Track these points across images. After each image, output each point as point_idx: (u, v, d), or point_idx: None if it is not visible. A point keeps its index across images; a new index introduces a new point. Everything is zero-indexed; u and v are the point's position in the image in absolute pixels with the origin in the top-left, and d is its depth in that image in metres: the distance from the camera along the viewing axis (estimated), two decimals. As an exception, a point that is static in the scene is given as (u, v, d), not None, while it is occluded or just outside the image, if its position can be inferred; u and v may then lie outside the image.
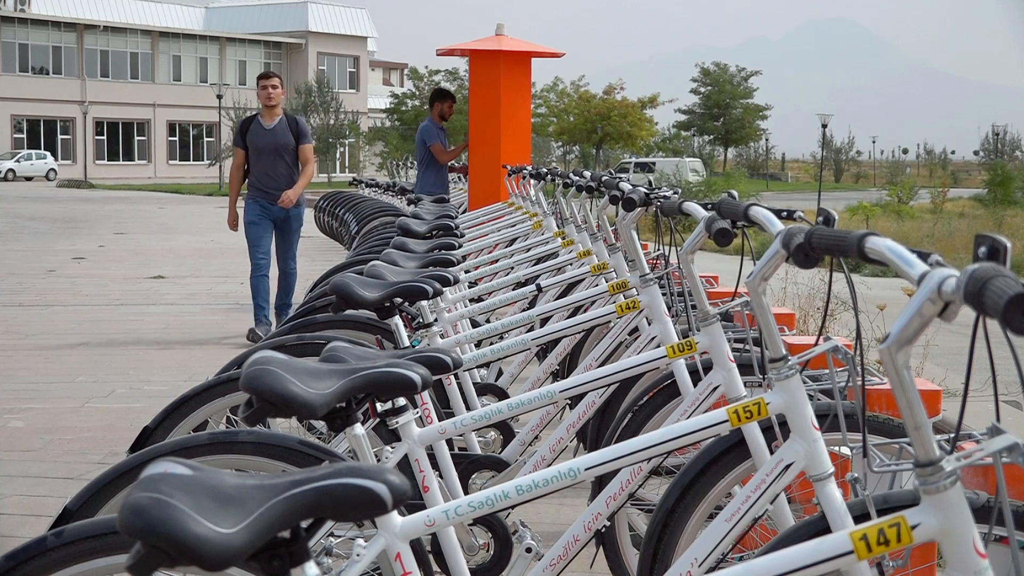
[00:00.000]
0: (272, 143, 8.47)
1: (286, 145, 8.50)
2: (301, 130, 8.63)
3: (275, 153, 8.48)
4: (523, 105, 11.69)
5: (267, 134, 8.51)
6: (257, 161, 8.55)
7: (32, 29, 57.18)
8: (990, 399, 1.55)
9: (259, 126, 8.56)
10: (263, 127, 8.53)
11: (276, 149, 8.48)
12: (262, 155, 8.50)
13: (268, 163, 8.50)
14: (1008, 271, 1.32)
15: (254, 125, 8.58)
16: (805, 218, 2.74)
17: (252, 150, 8.53)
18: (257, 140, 8.52)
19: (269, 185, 8.52)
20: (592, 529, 2.73)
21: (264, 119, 8.57)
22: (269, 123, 8.53)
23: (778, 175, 75.69)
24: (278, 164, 8.50)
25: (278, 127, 8.53)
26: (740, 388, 2.95)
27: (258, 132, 8.54)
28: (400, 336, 3.59)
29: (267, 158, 8.48)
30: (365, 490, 1.39)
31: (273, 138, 8.48)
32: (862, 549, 1.57)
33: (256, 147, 8.51)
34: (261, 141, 8.50)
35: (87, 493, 2.38)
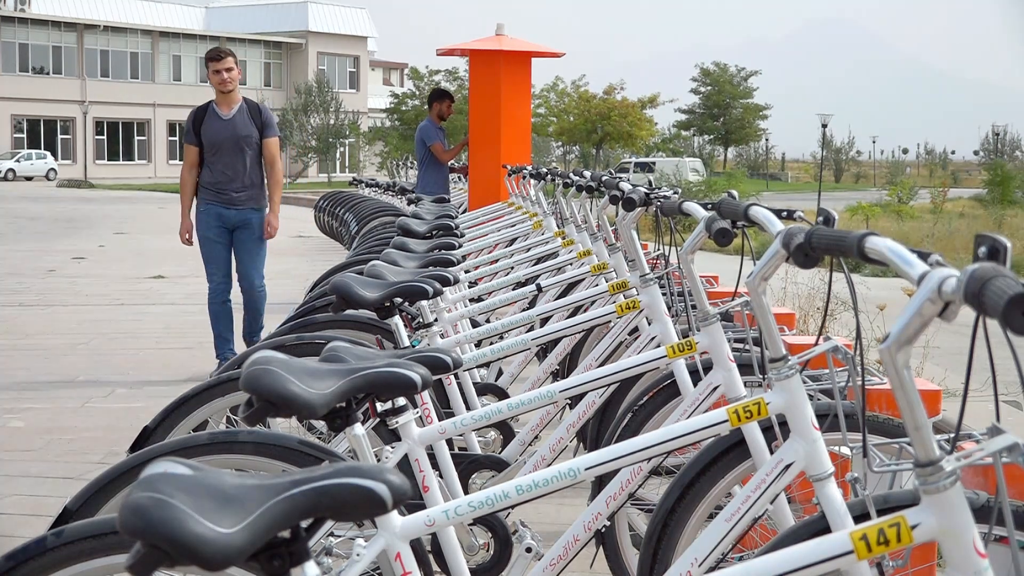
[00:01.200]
0: (231, 136, 7.12)
1: (248, 138, 7.12)
2: (266, 120, 7.22)
3: (235, 148, 7.13)
4: (523, 105, 11.69)
5: (224, 125, 7.13)
6: (213, 158, 7.17)
7: (32, 29, 57.17)
8: (990, 399, 1.55)
9: (215, 116, 7.16)
10: (219, 117, 7.14)
11: (236, 143, 7.12)
12: (219, 151, 7.14)
13: (226, 160, 7.13)
14: (1008, 271, 1.32)
15: (208, 116, 7.19)
16: (805, 218, 2.74)
17: (207, 145, 7.15)
18: (213, 133, 7.14)
19: (227, 187, 7.16)
20: (592, 529, 2.73)
21: (220, 107, 7.17)
22: (226, 112, 7.14)
23: (778, 175, 75.70)
24: (238, 161, 7.14)
25: (237, 117, 7.15)
26: (740, 388, 2.95)
27: (213, 123, 7.16)
28: (400, 336, 3.59)
29: (225, 154, 7.13)
30: (365, 490, 1.39)
31: (232, 130, 7.13)
32: (862, 549, 1.57)
33: (212, 141, 7.14)
34: (217, 134, 7.13)
35: (87, 493, 2.38)
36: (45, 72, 57.77)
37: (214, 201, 7.18)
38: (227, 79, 7.06)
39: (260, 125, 7.18)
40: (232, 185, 7.13)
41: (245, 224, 7.21)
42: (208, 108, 7.19)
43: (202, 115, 7.20)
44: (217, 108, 7.18)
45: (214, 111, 7.17)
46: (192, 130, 7.17)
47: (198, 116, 7.21)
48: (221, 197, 7.16)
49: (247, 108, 7.21)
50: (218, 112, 7.16)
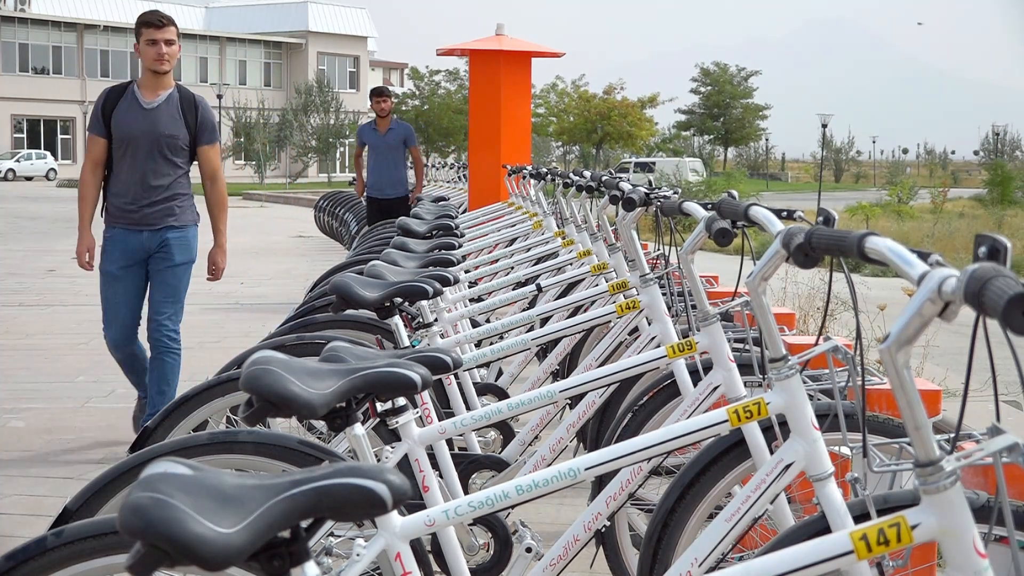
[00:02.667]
0: (150, 132, 5.15)
1: (172, 139, 5.18)
2: (202, 120, 5.28)
3: (153, 150, 5.17)
4: (523, 105, 11.69)
5: (144, 117, 5.17)
6: (122, 160, 5.21)
7: (32, 29, 57.18)
8: (990, 399, 1.55)
9: (134, 103, 5.20)
10: (140, 105, 5.19)
11: (156, 143, 5.16)
12: (130, 150, 5.17)
13: (141, 166, 5.17)
14: (1008, 271, 1.32)
15: (125, 102, 5.21)
16: (805, 218, 2.74)
17: (117, 140, 5.19)
18: (127, 125, 5.16)
19: (137, 202, 5.21)
20: (592, 529, 2.73)
21: (143, 92, 5.22)
22: (150, 99, 5.20)
23: (778, 175, 75.72)
24: (160, 170, 5.20)
25: (164, 108, 5.20)
26: (740, 388, 2.95)
27: (130, 113, 5.18)
28: (400, 336, 3.59)
29: (141, 157, 5.16)
30: (365, 490, 1.39)
31: (152, 124, 5.16)
32: (862, 549, 1.57)
33: (123, 136, 5.16)
34: (132, 127, 5.15)
35: (87, 493, 2.38)
36: (45, 72, 57.78)
37: (120, 223, 5.27)
38: (165, 54, 5.14)
39: (196, 125, 5.26)
40: (143, 200, 5.20)
41: (160, 248, 5.24)
42: (127, 91, 5.25)
43: (116, 99, 5.24)
44: (139, 92, 5.23)
45: (134, 96, 5.22)
46: (101, 117, 5.22)
47: (111, 99, 5.24)
48: (128, 217, 5.23)
49: (179, 100, 5.26)
50: (139, 98, 5.21)
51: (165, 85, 5.25)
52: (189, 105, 5.26)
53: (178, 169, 5.26)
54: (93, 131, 5.28)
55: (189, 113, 5.25)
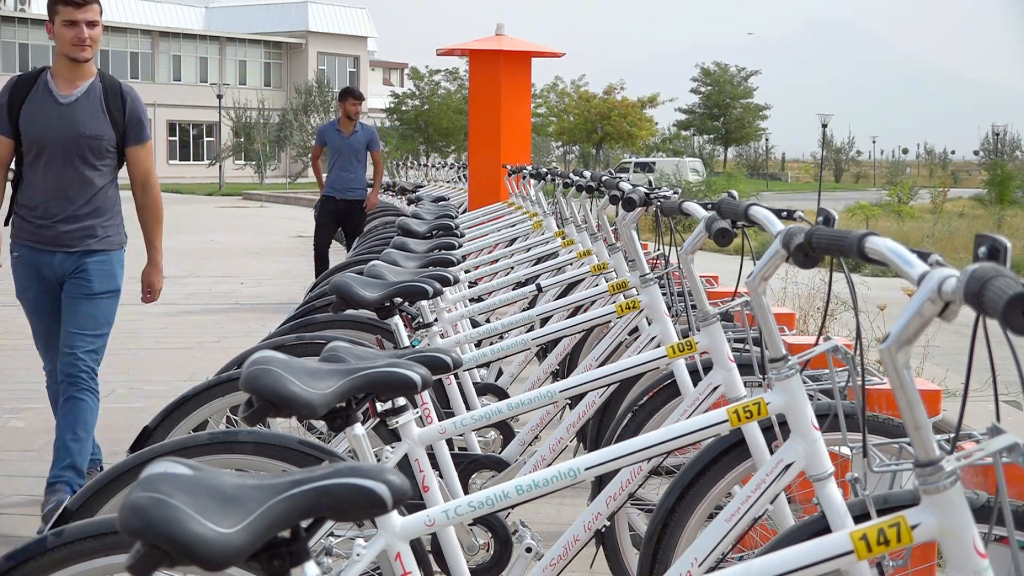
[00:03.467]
0: (67, 131, 4.26)
1: (96, 139, 4.29)
2: (133, 113, 4.37)
3: (71, 151, 4.28)
4: (523, 105, 11.70)
5: (58, 114, 4.27)
6: (36, 166, 4.32)
7: (32, 29, 57.16)
8: (990, 399, 1.54)
9: (46, 95, 4.30)
10: (54, 97, 4.28)
11: (75, 143, 4.27)
12: (48, 155, 4.28)
13: (56, 172, 4.28)
14: (1008, 271, 1.32)
15: (37, 92, 4.30)
16: (805, 218, 2.74)
17: (27, 141, 4.30)
18: (39, 122, 4.27)
19: (52, 215, 4.31)
20: (592, 529, 2.73)
21: (57, 83, 4.30)
22: (66, 91, 4.29)
23: (778, 175, 75.71)
24: (80, 177, 4.31)
25: (83, 100, 4.30)
26: (740, 388, 2.95)
27: (42, 106, 4.28)
28: (400, 336, 3.59)
29: (55, 161, 4.27)
30: (365, 490, 1.39)
31: (69, 121, 4.27)
32: (862, 549, 1.57)
33: (35, 136, 4.27)
34: (46, 124, 4.26)
35: (87, 493, 2.38)
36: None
37: (27, 241, 4.37)
38: (87, 38, 4.22)
39: (123, 120, 4.36)
40: (58, 213, 4.32)
41: (77, 272, 4.37)
42: (39, 78, 4.34)
43: (27, 88, 4.32)
44: (53, 82, 4.32)
45: (47, 86, 4.31)
46: (6, 112, 4.30)
47: (18, 90, 4.32)
48: (39, 234, 4.34)
49: (102, 91, 4.34)
50: (53, 89, 4.30)
51: (86, 74, 4.32)
52: (115, 97, 4.34)
53: (103, 177, 4.36)
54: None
55: (115, 107, 4.34)
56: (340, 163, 10.10)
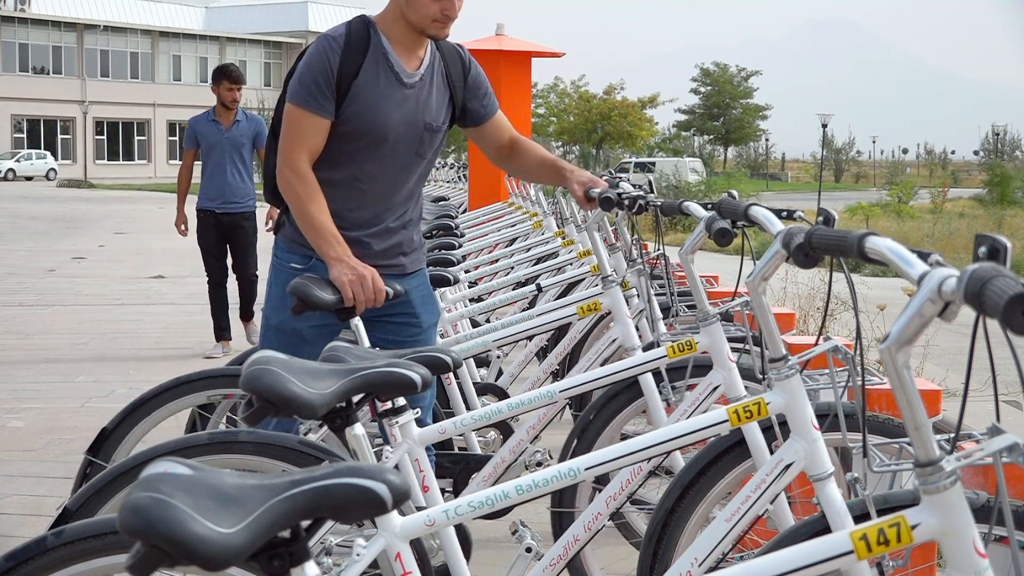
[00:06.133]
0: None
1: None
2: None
3: None
4: (523, 105, 11.70)
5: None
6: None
7: (32, 29, 57.18)
8: (990, 399, 1.54)
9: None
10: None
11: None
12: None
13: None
14: (1008, 271, 1.32)
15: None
16: (805, 218, 2.74)
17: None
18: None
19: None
20: (592, 529, 2.72)
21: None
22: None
23: (778, 175, 75.72)
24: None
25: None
26: (740, 388, 2.95)
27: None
28: (360, 336, 3.12)
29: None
30: (365, 490, 1.39)
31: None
32: (862, 549, 1.57)
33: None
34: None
35: (87, 493, 2.38)
36: (45, 72, 57.79)
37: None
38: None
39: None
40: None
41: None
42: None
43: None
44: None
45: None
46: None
47: None
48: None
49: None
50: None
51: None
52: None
53: None
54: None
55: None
56: (216, 165, 7.73)
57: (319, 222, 3.09)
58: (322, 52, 3.14)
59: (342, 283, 2.99)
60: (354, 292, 3.00)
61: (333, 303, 2.98)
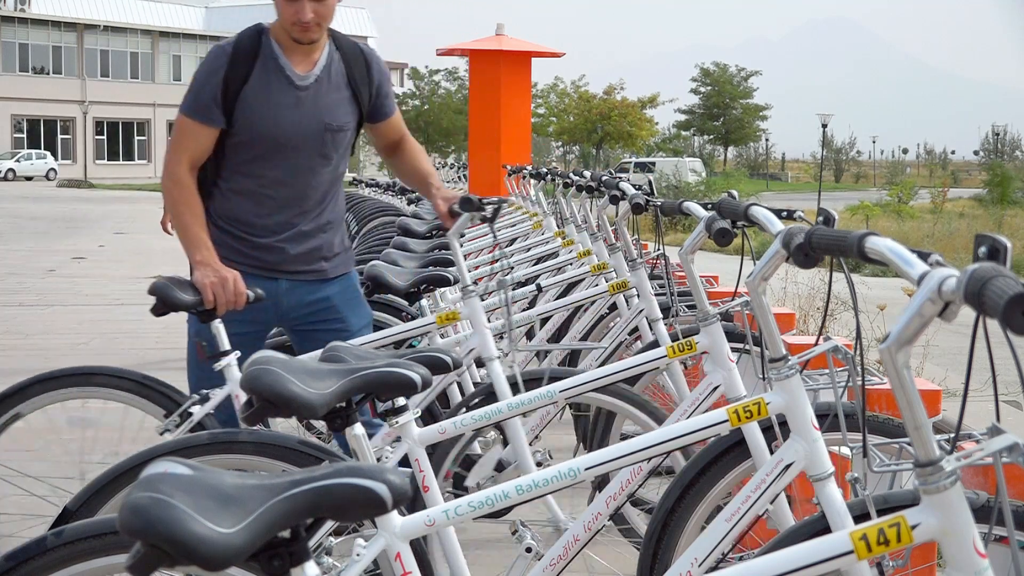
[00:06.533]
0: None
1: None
2: None
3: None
4: (523, 105, 11.70)
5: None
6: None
7: (32, 29, 57.18)
8: (990, 399, 1.54)
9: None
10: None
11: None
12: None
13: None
14: (1008, 271, 1.32)
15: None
16: (805, 218, 2.74)
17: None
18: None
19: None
20: (592, 529, 2.72)
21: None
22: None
23: (778, 175, 75.72)
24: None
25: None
26: (740, 388, 2.95)
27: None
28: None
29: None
30: (365, 490, 1.39)
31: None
32: (862, 549, 1.57)
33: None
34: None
35: (87, 493, 2.38)
36: (45, 72, 57.78)
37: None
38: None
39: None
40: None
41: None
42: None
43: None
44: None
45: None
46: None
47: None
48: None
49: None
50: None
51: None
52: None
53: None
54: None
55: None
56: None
57: (188, 227, 3.22)
58: (210, 63, 3.23)
59: (203, 285, 3.09)
60: (215, 294, 3.09)
61: (193, 304, 3.09)
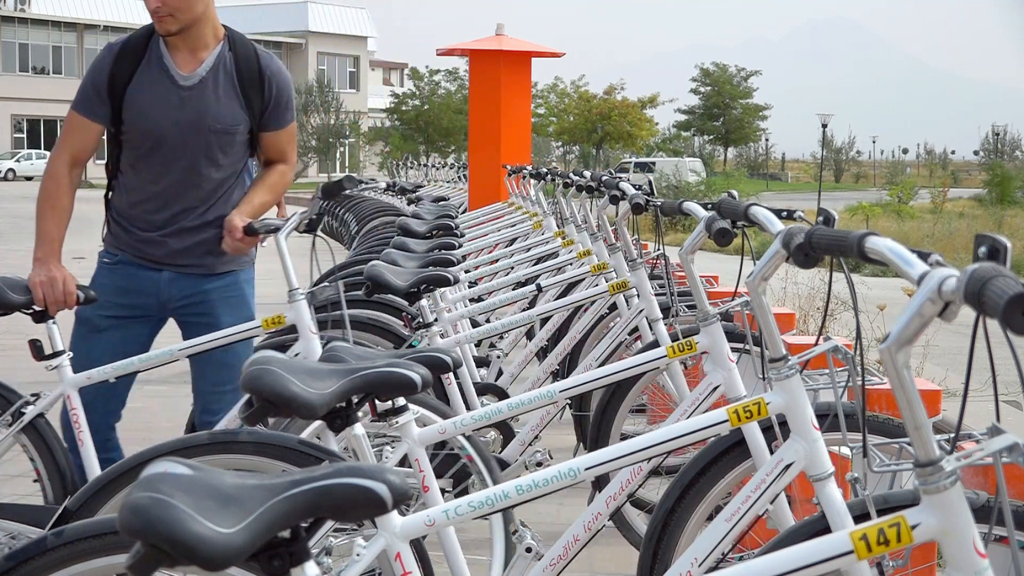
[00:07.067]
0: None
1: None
2: None
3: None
4: (523, 105, 11.70)
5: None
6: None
7: (32, 29, 57.18)
8: (990, 399, 1.54)
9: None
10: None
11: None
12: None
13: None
14: (1008, 271, 1.32)
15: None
16: (805, 218, 2.74)
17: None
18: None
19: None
20: (592, 529, 2.72)
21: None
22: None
23: (778, 175, 75.69)
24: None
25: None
26: (740, 388, 2.95)
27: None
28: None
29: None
30: (365, 490, 1.39)
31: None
32: (862, 549, 1.57)
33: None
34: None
35: (87, 493, 2.38)
36: (45, 72, 57.78)
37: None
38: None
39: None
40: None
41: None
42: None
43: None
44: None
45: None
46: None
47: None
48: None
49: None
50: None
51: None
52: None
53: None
54: None
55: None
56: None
57: (41, 222, 3.40)
58: (98, 60, 3.30)
59: (34, 284, 3.23)
60: (44, 293, 3.22)
61: (23, 304, 3.11)
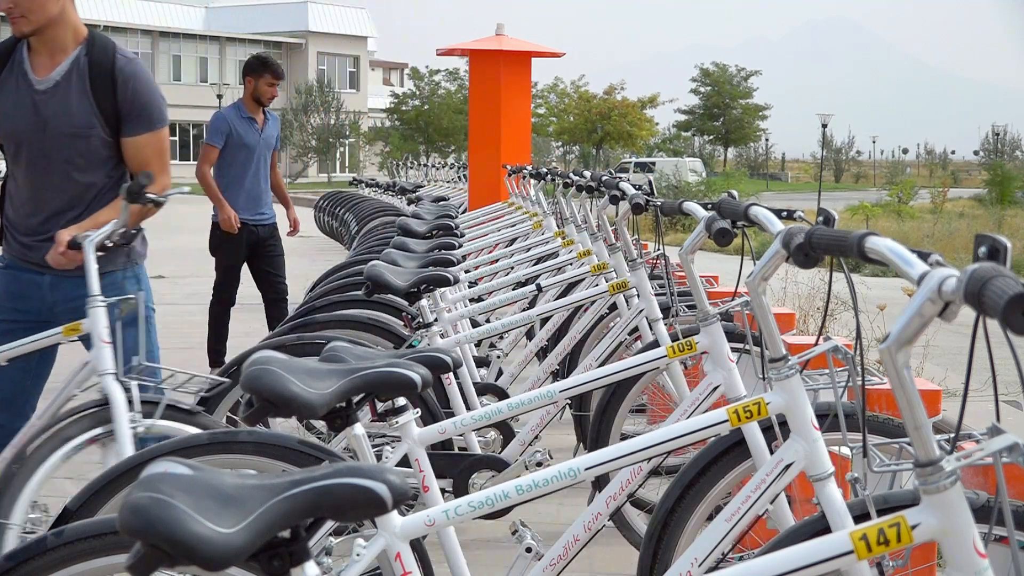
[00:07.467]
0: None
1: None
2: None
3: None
4: (523, 105, 11.70)
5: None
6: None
7: (32, 29, 57.11)
8: (990, 399, 1.54)
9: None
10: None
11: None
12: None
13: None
14: (1008, 271, 1.32)
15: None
16: (805, 218, 2.74)
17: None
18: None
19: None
20: (592, 529, 2.72)
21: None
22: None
23: (778, 175, 75.68)
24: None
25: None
26: (740, 388, 2.95)
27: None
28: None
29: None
30: (365, 490, 1.39)
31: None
32: (862, 549, 1.57)
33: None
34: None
35: (87, 493, 2.38)
36: (45, 72, 57.74)
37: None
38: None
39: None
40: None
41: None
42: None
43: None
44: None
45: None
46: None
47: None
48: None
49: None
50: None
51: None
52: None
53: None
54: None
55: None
56: (252, 168, 6.59)
57: None
58: None
59: None
60: None
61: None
